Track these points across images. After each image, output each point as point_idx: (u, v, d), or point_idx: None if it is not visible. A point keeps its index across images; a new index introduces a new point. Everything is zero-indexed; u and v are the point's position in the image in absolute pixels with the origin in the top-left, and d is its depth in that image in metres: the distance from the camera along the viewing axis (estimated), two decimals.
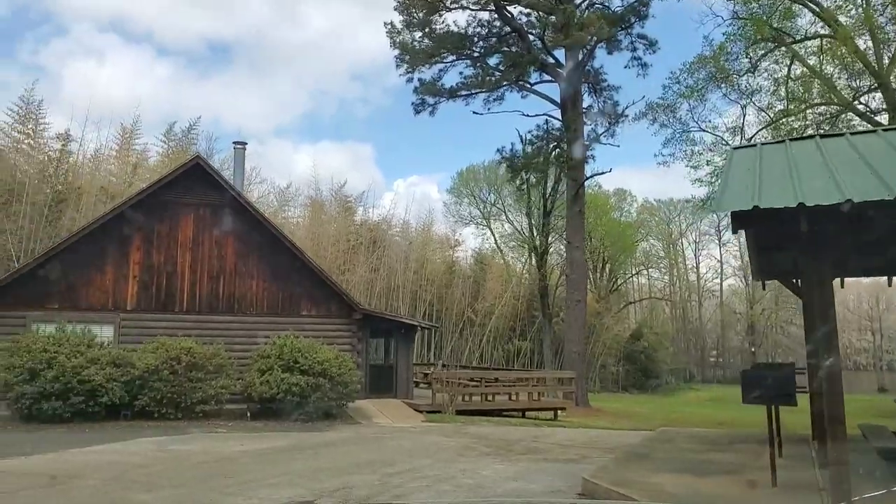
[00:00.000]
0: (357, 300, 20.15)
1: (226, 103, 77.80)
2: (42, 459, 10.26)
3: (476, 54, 29.84)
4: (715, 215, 63.72)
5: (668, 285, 70.07)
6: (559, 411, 19.54)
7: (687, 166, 27.90)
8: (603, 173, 28.54)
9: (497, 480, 8.79)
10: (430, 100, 29.07)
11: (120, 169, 33.35)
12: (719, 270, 72.06)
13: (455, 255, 46.59)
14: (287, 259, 18.10)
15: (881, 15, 25.92)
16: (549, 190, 36.61)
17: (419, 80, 28.87)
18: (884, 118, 24.45)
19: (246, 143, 19.44)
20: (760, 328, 69.20)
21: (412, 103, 29.13)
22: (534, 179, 32.05)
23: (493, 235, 52.36)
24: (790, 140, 8.18)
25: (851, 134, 9.15)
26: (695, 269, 72.99)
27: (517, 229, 50.38)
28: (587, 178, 29.57)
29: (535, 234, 39.19)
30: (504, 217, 51.56)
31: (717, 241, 71.45)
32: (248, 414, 15.80)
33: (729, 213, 5.65)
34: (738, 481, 6.96)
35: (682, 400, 44.03)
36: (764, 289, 11.99)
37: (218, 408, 15.56)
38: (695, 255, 72.08)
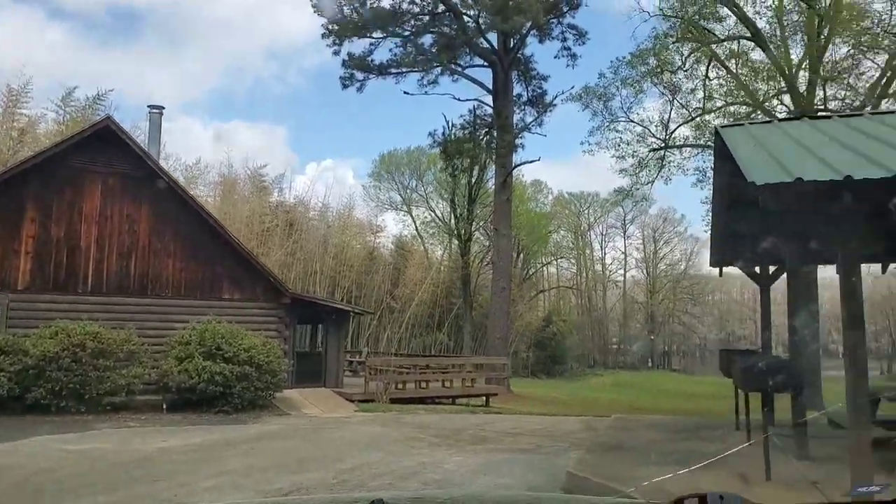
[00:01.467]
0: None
1: (129, 75, 72.16)
2: None
3: (407, 33, 28.90)
4: (622, 208, 66.44)
5: (576, 275, 72.05)
6: (491, 397, 19.17)
7: (613, 156, 28.32)
8: (532, 162, 28.48)
9: (465, 475, 8.13)
10: (360, 75, 27.91)
11: (4, 135, 30.01)
12: (623, 262, 74.75)
13: (376, 241, 45.58)
14: (208, 237, 16.59)
15: (792, 22, 27.03)
16: (475, 177, 36.29)
17: (348, 53, 27.63)
18: None
19: (163, 108, 17.68)
20: (659, 317, 72.60)
21: (340, 77, 27.89)
22: (465, 165, 31.55)
23: (414, 222, 51.71)
24: (779, 120, 7.95)
25: (810, 118, 9.09)
26: (601, 261, 75.41)
27: (438, 216, 49.97)
28: (516, 167, 29.42)
29: (459, 221, 38.74)
30: (426, 204, 50.96)
31: (622, 234, 74.21)
32: (164, 406, 14.33)
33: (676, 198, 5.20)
34: (730, 475, 6.63)
35: (589, 385, 45.24)
36: (721, 275, 11.97)
37: (128, 399, 14.01)
38: (601, 246, 74.46)
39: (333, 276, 38.37)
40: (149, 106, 17.68)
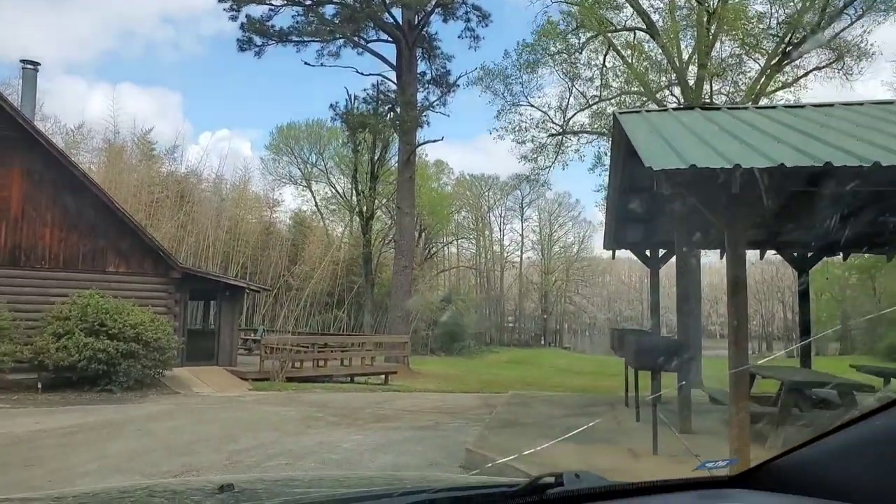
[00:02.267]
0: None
1: (10, 30, 65.25)
2: None
3: (309, 1, 27.96)
4: (520, 191, 68.33)
5: (476, 255, 73.32)
6: (390, 375, 19.18)
7: (513, 141, 28.88)
8: (435, 140, 28.54)
9: (364, 453, 8.08)
10: (258, 40, 26.77)
11: None
12: (520, 243, 76.75)
13: (273, 216, 44.29)
14: (91, 206, 15.44)
15: (683, 17, 28.40)
16: (377, 154, 35.90)
17: (247, 16, 26.41)
18: None
19: (38, 64, 16.02)
20: (552, 297, 75.37)
21: (237, 40, 26.69)
22: (367, 140, 31.14)
23: (314, 197, 50.61)
24: (673, 109, 8.32)
25: (702, 108, 9.61)
26: (499, 242, 77.03)
27: (339, 193, 49.19)
28: (419, 144, 29.33)
29: (361, 198, 38.29)
30: (326, 179, 49.96)
31: (520, 217, 76.07)
32: (40, 385, 13.31)
33: (596, 181, 5.42)
34: (620, 450, 6.98)
35: (485, 362, 46.40)
36: (613, 258, 12.52)
37: None
38: (500, 228, 76.03)
39: (227, 251, 37.03)
40: (22, 60, 16.03)
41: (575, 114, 29.37)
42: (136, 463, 7.54)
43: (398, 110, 28.56)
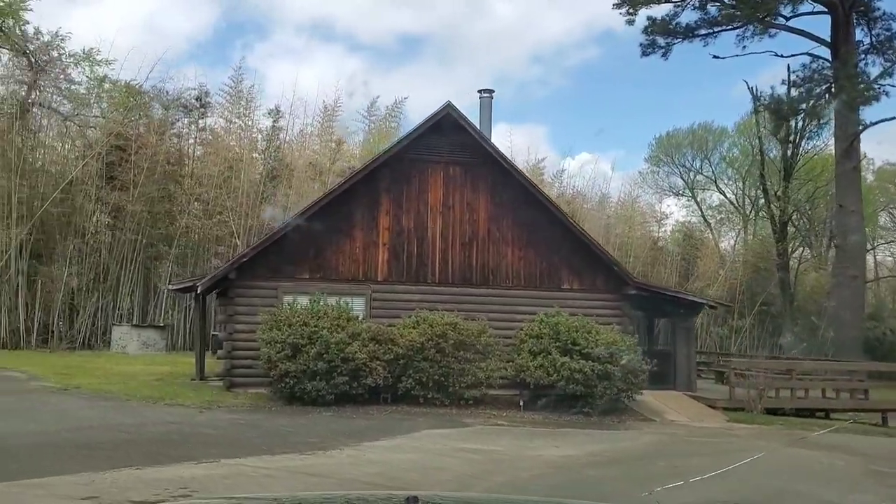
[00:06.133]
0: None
1: (412, 93, 77.84)
2: (344, 457, 8.33)
3: None
4: None
5: None
6: (889, 414, 15.19)
7: None
8: (893, 118, 22.98)
9: None
10: (662, 41, 25.23)
11: (323, 147, 33.10)
12: None
13: (659, 231, 42.26)
14: (543, 222, 15.43)
15: None
16: (791, 148, 31.17)
17: (649, 17, 25.15)
18: None
19: (493, 91, 16.96)
20: None
21: (640, 44, 25.70)
22: (806, 127, 27.03)
23: (699, 207, 46.97)
24: None
25: None
26: None
27: (730, 200, 44.75)
28: (865, 127, 24.16)
29: (775, 199, 33.70)
30: (714, 186, 45.97)
31: None
32: (521, 403, 13.38)
33: None
34: None
35: None
36: None
37: (483, 394, 13.30)
38: None
39: None
40: (479, 91, 17.10)
41: None
42: None
43: (833, 89, 24.02)
